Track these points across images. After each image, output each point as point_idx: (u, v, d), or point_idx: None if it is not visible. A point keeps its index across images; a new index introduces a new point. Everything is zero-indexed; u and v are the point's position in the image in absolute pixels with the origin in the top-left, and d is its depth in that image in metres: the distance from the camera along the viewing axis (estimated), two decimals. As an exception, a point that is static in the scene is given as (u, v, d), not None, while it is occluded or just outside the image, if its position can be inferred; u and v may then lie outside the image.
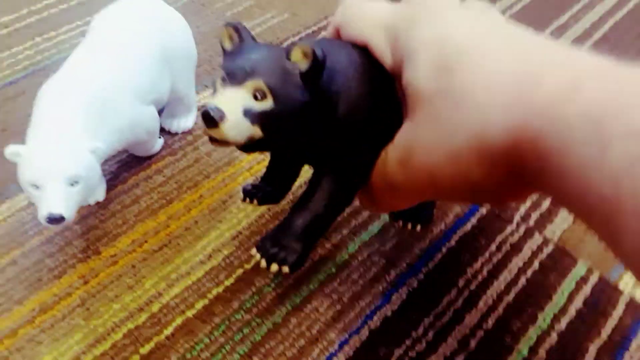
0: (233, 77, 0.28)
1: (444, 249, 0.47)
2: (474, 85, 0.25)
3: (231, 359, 0.40)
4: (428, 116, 0.27)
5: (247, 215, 0.49)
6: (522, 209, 0.50)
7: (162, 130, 0.54)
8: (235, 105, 0.28)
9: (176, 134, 0.55)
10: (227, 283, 0.44)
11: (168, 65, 0.49)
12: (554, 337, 0.42)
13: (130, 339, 0.41)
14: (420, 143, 0.28)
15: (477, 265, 0.46)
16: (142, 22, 0.47)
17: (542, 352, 0.41)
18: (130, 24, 0.46)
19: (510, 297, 0.44)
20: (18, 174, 0.39)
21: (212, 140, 0.29)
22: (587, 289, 0.45)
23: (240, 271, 0.45)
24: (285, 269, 0.33)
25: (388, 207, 0.37)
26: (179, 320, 0.42)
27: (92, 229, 0.47)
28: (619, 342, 0.42)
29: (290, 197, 0.50)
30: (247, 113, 0.28)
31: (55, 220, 0.38)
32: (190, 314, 0.42)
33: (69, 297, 0.43)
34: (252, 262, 0.46)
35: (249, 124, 0.28)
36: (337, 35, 0.36)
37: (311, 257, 0.46)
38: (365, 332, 0.42)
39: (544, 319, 0.43)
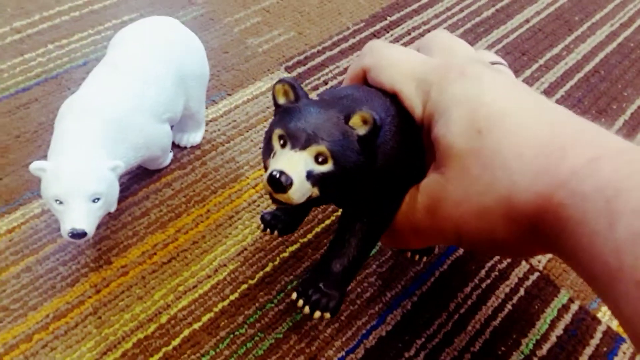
0: (296, 141, 0.30)
1: (437, 273, 0.50)
2: (506, 150, 0.28)
3: (235, 371, 0.42)
4: (459, 172, 0.30)
5: (252, 232, 0.51)
6: (511, 237, 0.54)
7: (172, 144, 0.56)
8: (300, 169, 0.29)
9: (185, 148, 0.57)
10: (232, 297, 0.47)
11: (183, 84, 0.51)
12: (535, 362, 0.45)
13: (140, 348, 0.43)
14: (449, 196, 0.30)
15: (467, 290, 0.49)
16: (162, 44, 0.49)
17: (523, 376, 0.45)
18: (151, 45, 0.48)
19: (496, 322, 0.47)
20: (42, 188, 0.41)
21: (275, 201, 0.31)
22: (568, 317, 0.48)
23: (244, 286, 0.47)
24: (327, 315, 0.36)
25: (408, 246, 0.40)
26: (186, 332, 0.44)
27: (103, 239, 0.49)
28: (594, 369, 0.45)
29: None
30: (309, 176, 0.30)
31: (78, 235, 0.40)
32: (197, 326, 0.45)
33: (82, 305, 0.45)
34: (256, 278, 0.48)
35: (310, 186, 0.30)
36: (363, 76, 0.38)
37: (312, 275, 0.49)
38: (361, 351, 0.45)
39: (526, 344, 0.46)
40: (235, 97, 0.63)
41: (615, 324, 0.48)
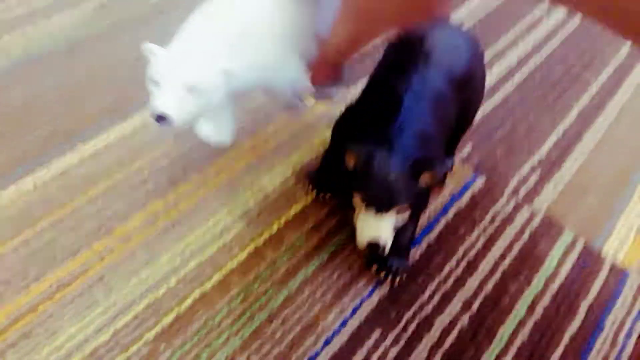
0: (380, 206, 0.38)
1: (442, 221, 0.50)
2: None
3: (252, 325, 0.42)
4: None
5: (253, 195, 0.51)
6: (511, 184, 0.54)
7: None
8: (389, 230, 0.38)
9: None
10: (240, 257, 0.46)
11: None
12: (548, 297, 0.46)
13: (151, 310, 0.42)
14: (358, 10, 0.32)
15: (474, 235, 0.49)
16: None
17: (538, 310, 0.45)
18: None
19: (506, 264, 0.48)
20: (147, 70, 0.39)
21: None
22: (574, 255, 0.49)
23: (252, 246, 0.47)
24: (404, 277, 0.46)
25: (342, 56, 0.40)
26: (197, 293, 0.43)
27: (102, 209, 0.48)
28: (605, 300, 0.46)
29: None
30: (394, 240, 0.41)
31: (161, 118, 0.37)
32: (207, 286, 0.44)
33: (87, 274, 0.43)
34: (263, 238, 0.47)
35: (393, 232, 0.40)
36: None
37: (319, 231, 0.48)
38: (375, 298, 0.44)
39: (537, 281, 0.47)
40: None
41: (620, 257, 0.49)
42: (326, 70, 0.39)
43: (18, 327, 0.40)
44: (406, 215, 0.39)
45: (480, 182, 0.54)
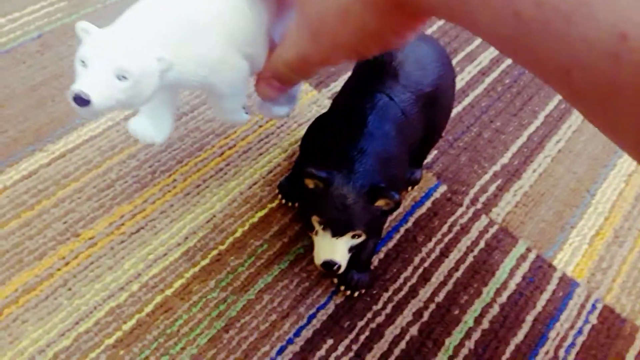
0: (336, 229, 0.40)
1: (401, 230, 0.52)
2: None
3: (209, 333, 0.43)
4: None
5: (220, 199, 0.52)
6: (472, 192, 0.56)
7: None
8: (344, 253, 0.41)
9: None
10: (203, 263, 0.47)
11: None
12: (496, 308, 0.48)
13: (112, 316, 0.43)
14: (315, 23, 0.31)
15: (431, 244, 0.51)
16: None
17: (485, 322, 0.47)
18: None
19: (459, 273, 0.50)
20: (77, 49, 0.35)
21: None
22: (525, 266, 0.51)
23: (215, 252, 0.48)
24: (363, 290, 0.48)
25: (300, 75, 0.39)
26: (158, 299, 0.45)
27: (69, 212, 0.49)
28: (551, 313, 0.48)
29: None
30: (350, 248, 0.41)
31: (80, 99, 0.33)
32: (169, 292, 0.45)
33: (51, 278, 0.45)
34: (227, 244, 0.49)
35: (349, 253, 0.42)
36: None
37: (282, 238, 0.50)
38: (331, 306, 0.46)
39: (487, 292, 0.49)
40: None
41: (570, 270, 0.51)
42: (273, 84, 0.39)
43: (-17, 331, 0.42)
44: (361, 239, 0.40)
45: (442, 189, 0.56)
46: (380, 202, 0.39)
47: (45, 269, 0.45)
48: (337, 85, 0.63)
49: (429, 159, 0.58)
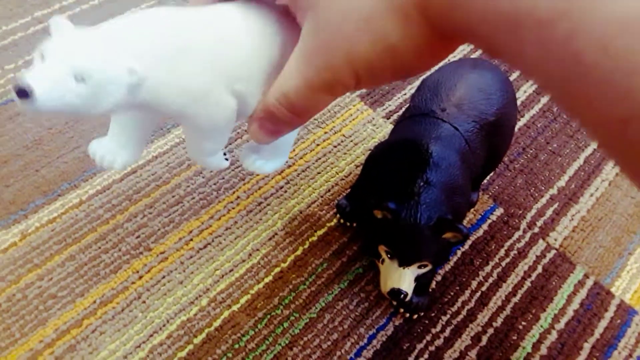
0: (404, 259, 0.42)
1: (458, 253, 0.53)
2: None
3: (274, 350, 0.45)
4: (327, 2, 0.27)
5: (281, 217, 0.54)
6: (528, 216, 0.56)
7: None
8: (411, 282, 0.43)
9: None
10: (267, 280, 0.49)
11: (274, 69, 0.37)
12: (554, 335, 0.48)
13: (184, 330, 0.46)
14: (329, 29, 0.27)
15: (488, 268, 0.52)
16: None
17: (543, 348, 0.48)
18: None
19: (516, 299, 0.50)
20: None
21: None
22: (583, 292, 0.51)
23: (277, 269, 0.50)
24: (422, 313, 0.49)
25: (308, 113, 0.32)
26: (226, 314, 0.47)
27: (141, 226, 0.51)
28: (609, 341, 0.48)
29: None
30: (415, 278, 0.43)
31: (22, 91, 0.28)
32: (235, 308, 0.47)
33: (127, 291, 0.48)
34: (288, 261, 0.51)
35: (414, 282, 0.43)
36: None
37: (341, 258, 0.51)
38: (390, 328, 0.48)
39: (545, 318, 0.49)
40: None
41: (627, 297, 0.51)
42: (266, 125, 0.33)
43: (65, 340, 0.44)
44: (428, 268, 0.41)
45: (498, 212, 0.56)
46: (448, 235, 0.40)
47: (121, 282, 0.48)
48: (391, 104, 0.64)
49: (485, 180, 0.58)
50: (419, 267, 0.41)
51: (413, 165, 0.42)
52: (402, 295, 0.41)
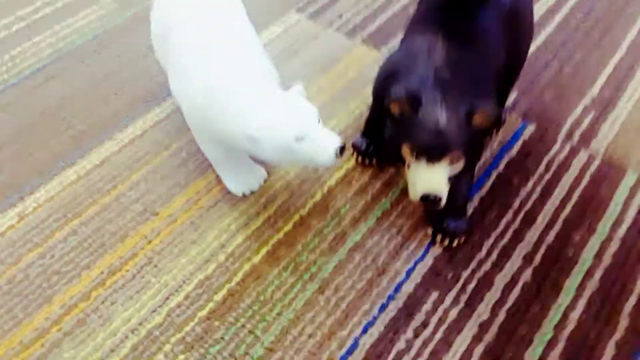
0: (432, 154, 0.34)
1: (493, 174, 0.48)
2: None
3: (303, 296, 0.41)
4: None
5: (293, 166, 0.49)
6: (564, 129, 0.51)
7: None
8: (443, 182, 0.35)
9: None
10: (286, 229, 0.45)
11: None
12: (616, 242, 0.43)
13: (202, 288, 0.41)
14: None
15: (529, 185, 0.47)
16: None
17: (606, 258, 0.42)
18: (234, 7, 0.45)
19: (566, 212, 0.45)
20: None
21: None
22: (639, 197, 0.46)
23: (296, 217, 0.46)
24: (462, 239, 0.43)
25: None
26: (246, 267, 0.42)
27: (145, 193, 0.47)
28: (680, 241, 0.43)
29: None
30: (449, 178, 0.36)
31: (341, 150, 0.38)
32: (255, 260, 0.43)
33: (136, 257, 0.43)
34: (307, 207, 0.46)
35: (448, 184, 0.36)
36: None
37: (364, 197, 0.46)
38: (429, 259, 0.42)
39: (603, 228, 0.44)
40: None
41: (692, 195, 0.45)
42: None
43: (73, 315, 0.40)
44: (460, 165, 0.36)
45: (530, 129, 0.51)
46: (477, 118, 0.35)
47: (129, 249, 0.44)
48: (395, 42, 0.60)
49: (510, 100, 0.53)
50: (450, 163, 0.36)
51: (428, 59, 0.38)
52: (436, 199, 0.35)
